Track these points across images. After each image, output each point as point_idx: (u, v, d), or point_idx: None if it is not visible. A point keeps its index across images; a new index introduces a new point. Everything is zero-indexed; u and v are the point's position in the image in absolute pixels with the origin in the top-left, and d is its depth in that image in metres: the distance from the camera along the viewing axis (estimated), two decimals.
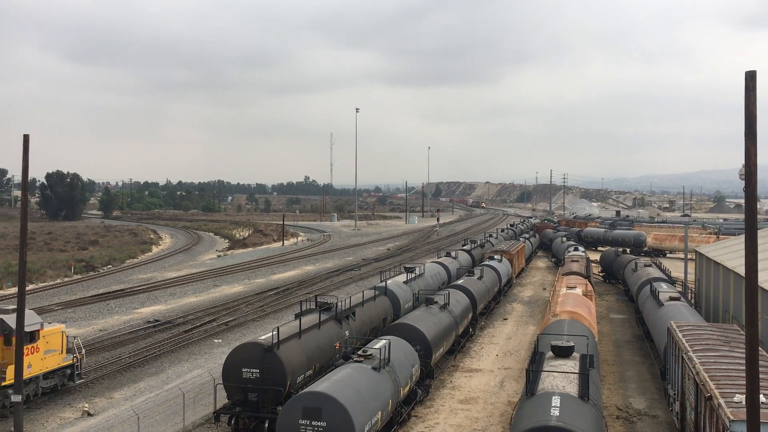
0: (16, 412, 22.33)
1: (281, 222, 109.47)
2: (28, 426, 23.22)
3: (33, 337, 25.81)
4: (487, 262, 49.28)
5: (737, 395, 15.84)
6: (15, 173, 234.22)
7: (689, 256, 52.27)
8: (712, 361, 19.28)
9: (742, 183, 17.62)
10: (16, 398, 22.05)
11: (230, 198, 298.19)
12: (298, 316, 26.65)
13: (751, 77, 12.26)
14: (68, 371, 27.83)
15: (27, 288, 31.29)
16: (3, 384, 24.43)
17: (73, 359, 27.83)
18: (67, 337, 28.22)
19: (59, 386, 27.54)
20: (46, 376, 26.77)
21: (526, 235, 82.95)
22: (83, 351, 29.02)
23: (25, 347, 23.88)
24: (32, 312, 27.40)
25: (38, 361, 26.10)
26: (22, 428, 22.46)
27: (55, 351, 27.12)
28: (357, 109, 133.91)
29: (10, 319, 24.87)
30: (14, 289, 48.18)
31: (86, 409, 25.12)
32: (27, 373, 24.65)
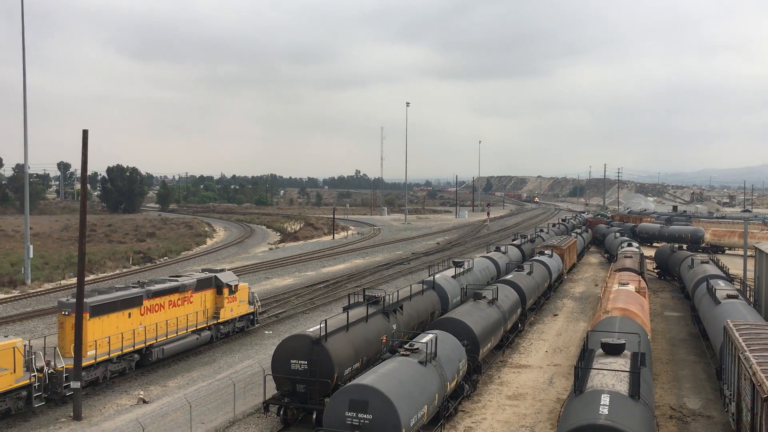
0: (76, 398, 23.22)
1: (332, 215, 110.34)
2: (87, 411, 24.02)
3: (234, 289, 34.20)
4: (537, 257, 48.69)
5: None
6: (78, 167, 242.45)
7: (749, 253, 50.59)
8: None
9: None
10: (76, 385, 22.90)
11: (282, 192, 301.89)
12: (346, 309, 26.88)
13: None
14: (251, 317, 36.41)
15: (87, 278, 32.42)
16: (218, 321, 33.32)
17: (254, 308, 36.42)
18: (250, 292, 36.25)
19: (245, 327, 35.97)
20: (240, 319, 35.35)
21: (578, 230, 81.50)
22: (259, 303, 37.68)
23: (229, 296, 33.98)
24: (231, 272, 35.85)
25: (236, 307, 34.86)
26: (80, 414, 23.36)
27: (244, 301, 35.61)
28: (407, 103, 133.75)
29: (221, 276, 33.84)
30: (75, 279, 49.82)
31: (141, 396, 25.88)
32: (230, 315, 34.32)
